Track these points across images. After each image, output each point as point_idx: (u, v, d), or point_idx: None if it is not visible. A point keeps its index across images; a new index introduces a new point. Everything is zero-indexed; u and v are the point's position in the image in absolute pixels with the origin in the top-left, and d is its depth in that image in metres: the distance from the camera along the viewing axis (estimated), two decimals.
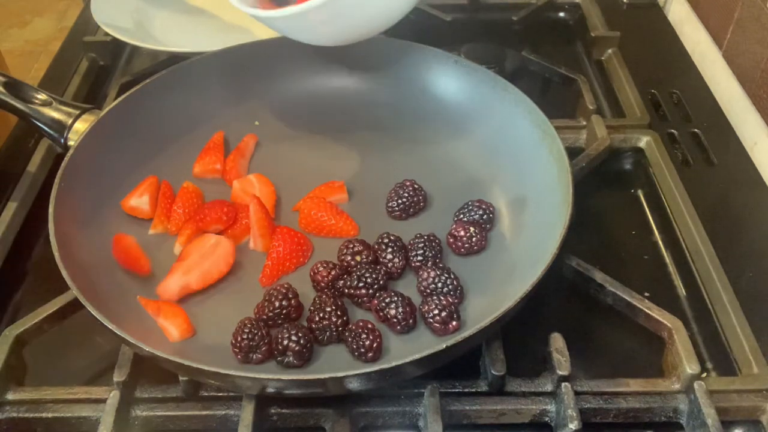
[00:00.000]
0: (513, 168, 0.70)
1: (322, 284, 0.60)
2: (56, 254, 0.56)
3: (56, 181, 0.62)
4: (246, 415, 0.53)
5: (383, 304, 0.57)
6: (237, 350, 0.55)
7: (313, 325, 0.56)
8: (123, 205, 0.67)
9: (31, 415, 0.55)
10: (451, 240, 0.64)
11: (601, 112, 0.83)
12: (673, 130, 0.82)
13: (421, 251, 0.61)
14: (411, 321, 0.57)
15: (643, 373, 0.57)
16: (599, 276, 0.61)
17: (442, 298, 0.57)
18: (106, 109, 0.69)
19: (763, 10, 0.81)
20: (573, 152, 0.72)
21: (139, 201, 0.67)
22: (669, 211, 0.72)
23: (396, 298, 0.57)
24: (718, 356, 0.60)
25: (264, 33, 0.83)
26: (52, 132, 0.70)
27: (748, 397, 0.55)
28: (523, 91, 0.70)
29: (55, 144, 0.72)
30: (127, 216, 0.67)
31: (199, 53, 0.77)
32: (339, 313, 0.56)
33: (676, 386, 0.55)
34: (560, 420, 0.54)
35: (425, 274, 0.59)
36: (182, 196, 0.68)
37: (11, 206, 0.72)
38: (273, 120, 0.78)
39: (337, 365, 0.55)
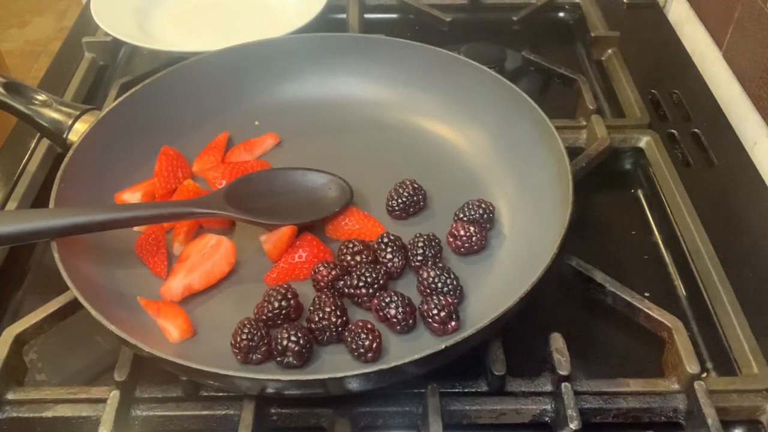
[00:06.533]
0: (513, 168, 0.70)
1: (322, 284, 0.60)
2: (56, 254, 0.56)
3: (56, 181, 0.62)
4: (246, 415, 0.53)
5: (383, 304, 0.57)
6: (237, 351, 0.55)
7: (313, 325, 0.56)
8: (116, 198, 0.67)
9: (31, 415, 0.55)
10: (451, 239, 0.64)
11: (601, 112, 0.83)
12: (673, 130, 0.82)
13: (421, 251, 0.61)
14: (411, 321, 0.57)
15: (643, 373, 0.57)
16: (599, 276, 0.61)
17: (441, 298, 0.57)
18: (106, 110, 0.69)
19: (763, 10, 0.81)
20: (573, 152, 0.72)
21: (131, 197, 0.67)
22: (669, 211, 0.72)
23: (396, 298, 0.57)
24: (718, 356, 0.60)
25: (264, 33, 0.84)
26: (52, 132, 0.70)
27: (748, 397, 0.55)
28: (523, 91, 0.70)
29: (56, 144, 0.72)
30: None
31: (199, 53, 0.77)
32: (339, 313, 0.56)
33: (676, 386, 0.55)
34: (560, 420, 0.53)
35: (425, 274, 0.59)
36: (181, 193, 0.68)
37: (11, 206, 0.72)
38: (273, 120, 0.78)
39: (336, 365, 0.55)
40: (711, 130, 0.82)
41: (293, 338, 0.54)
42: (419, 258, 0.61)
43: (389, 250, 0.61)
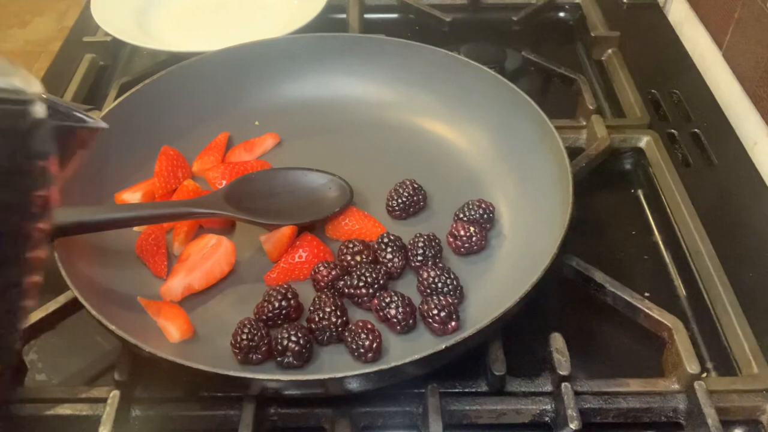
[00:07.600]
0: (513, 168, 0.70)
1: (322, 284, 0.60)
2: (56, 254, 0.56)
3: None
4: (246, 415, 0.53)
5: (383, 304, 0.57)
6: (237, 351, 0.55)
7: (313, 326, 0.56)
8: (116, 198, 0.67)
9: (31, 415, 0.55)
10: (451, 239, 0.64)
11: (601, 112, 0.83)
12: (673, 130, 0.82)
13: (421, 251, 0.61)
14: (411, 321, 0.57)
15: (643, 373, 0.57)
16: (599, 276, 0.61)
17: (441, 298, 0.57)
18: (106, 109, 0.70)
19: (763, 10, 0.81)
20: (573, 152, 0.72)
21: (131, 197, 0.67)
22: (669, 211, 0.71)
23: (396, 298, 0.57)
24: (718, 356, 0.60)
25: (264, 33, 0.84)
26: None
27: (748, 397, 0.55)
28: (523, 91, 0.70)
29: None
30: None
31: (199, 53, 0.77)
32: (339, 313, 0.56)
33: (676, 386, 0.55)
34: (560, 420, 0.53)
35: (425, 274, 0.59)
36: (181, 193, 0.68)
37: None
38: (273, 120, 0.78)
39: (336, 365, 0.55)
40: (711, 130, 0.82)
41: (293, 338, 0.54)
42: (419, 258, 0.61)
43: (389, 250, 0.61)
